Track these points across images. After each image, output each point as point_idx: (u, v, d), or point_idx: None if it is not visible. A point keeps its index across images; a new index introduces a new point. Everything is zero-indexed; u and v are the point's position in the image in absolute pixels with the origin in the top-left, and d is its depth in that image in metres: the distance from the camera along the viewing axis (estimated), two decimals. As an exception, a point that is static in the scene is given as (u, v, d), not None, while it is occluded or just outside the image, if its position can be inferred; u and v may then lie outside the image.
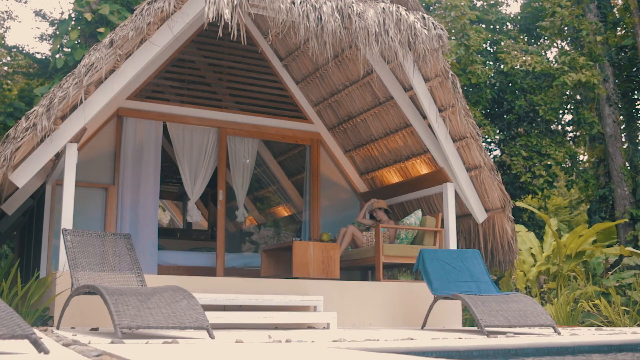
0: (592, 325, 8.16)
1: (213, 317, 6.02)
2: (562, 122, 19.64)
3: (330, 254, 7.89)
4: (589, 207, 19.07)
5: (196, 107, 9.18)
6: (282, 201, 12.26)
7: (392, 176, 9.45)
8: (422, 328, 6.83)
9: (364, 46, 6.46)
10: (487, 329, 5.33)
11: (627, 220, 14.59)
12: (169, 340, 3.89)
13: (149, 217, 8.74)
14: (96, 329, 5.55)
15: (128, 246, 6.01)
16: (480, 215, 8.21)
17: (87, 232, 5.90)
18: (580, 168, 19.24)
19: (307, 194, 9.97)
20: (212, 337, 4.40)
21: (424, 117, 8.28)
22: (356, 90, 9.01)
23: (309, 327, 6.76)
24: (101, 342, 3.89)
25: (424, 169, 8.85)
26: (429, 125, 8.24)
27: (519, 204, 12.28)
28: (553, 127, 19.31)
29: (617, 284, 11.06)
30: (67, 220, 6.42)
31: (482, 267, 6.93)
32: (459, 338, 4.46)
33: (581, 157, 21.21)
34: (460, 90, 7.64)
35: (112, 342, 3.73)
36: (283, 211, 12.44)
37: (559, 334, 5.32)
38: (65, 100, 6.16)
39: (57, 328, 5.52)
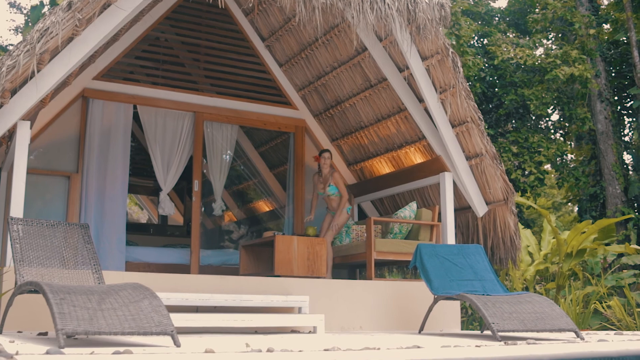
0: (604, 329, 7.49)
1: (183, 320, 5.27)
2: (552, 119, 19.07)
3: (316, 249, 7.15)
4: (579, 206, 18.54)
5: (170, 89, 8.41)
6: (263, 195, 11.49)
7: (383, 166, 8.72)
8: (420, 332, 6.10)
9: (357, 14, 5.71)
10: (500, 333, 4.60)
11: (633, 216, 13.99)
12: (121, 350, 3.12)
13: (116, 210, 7.94)
14: (45, 334, 4.76)
15: (85, 238, 5.21)
16: (480, 208, 7.50)
17: (37, 221, 5.09)
18: (571, 165, 18.66)
19: (290, 186, 9.22)
20: (177, 344, 3.63)
21: (420, 100, 7.56)
22: (345, 71, 8.27)
23: (293, 331, 6.00)
24: (37, 351, 3.12)
25: (418, 158, 8.12)
26: (426, 109, 7.53)
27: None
28: (543, 124, 18.79)
29: (616, 285, 10.43)
30: (16, 207, 5.62)
31: (486, 264, 6.21)
32: (477, 346, 3.73)
33: (570, 155, 20.70)
34: (461, 70, 6.93)
35: (47, 353, 2.95)
36: (264, 206, 11.67)
37: (583, 339, 4.61)
38: (14, 70, 5.33)
39: (0, 332, 4.73)
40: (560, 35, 18.02)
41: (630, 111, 18.39)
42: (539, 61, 15.76)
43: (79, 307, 3.69)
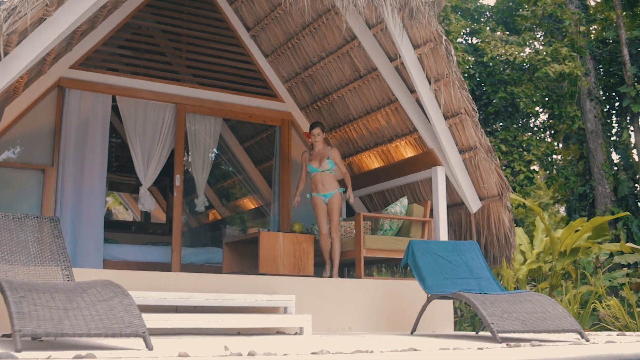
0: (602, 329, 7.21)
1: (160, 320, 4.92)
2: (542, 117, 18.85)
3: (303, 247, 6.83)
4: (568, 205, 18.35)
5: (151, 79, 8.05)
6: (248, 192, 11.14)
7: (372, 161, 8.39)
8: (412, 333, 5.78)
9: (347, -4, 5.39)
10: (500, 335, 4.29)
11: (629, 214, 13.77)
12: (83, 354, 2.77)
13: (94, 205, 7.56)
14: (8, 336, 4.39)
15: (55, 232, 4.84)
16: (474, 204, 7.20)
17: (2, 214, 4.73)
18: (561, 164, 18.45)
19: (276, 182, 8.87)
20: (149, 347, 3.29)
21: (412, 91, 7.25)
22: (333, 62, 7.94)
23: (278, 332, 5.66)
24: (-11, 355, 2.76)
25: (409, 152, 7.81)
26: (417, 101, 7.21)
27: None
28: (532, 123, 18.59)
29: (609, 284, 10.19)
30: (-19, 200, 5.25)
31: (481, 262, 5.90)
32: (479, 349, 3.41)
33: (557, 156, 20.51)
34: (455, 59, 6.62)
35: (-2, 357, 2.60)
36: (249, 203, 11.32)
37: (588, 340, 4.31)
38: (-21, 51, 4.97)
39: (-40, 334, 4.37)
40: (549, 32, 17.80)
41: (619, 110, 18.20)
42: (529, 58, 15.54)
43: (41, 306, 3.34)
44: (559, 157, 19.05)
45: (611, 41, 18.04)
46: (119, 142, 11.10)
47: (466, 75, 16.22)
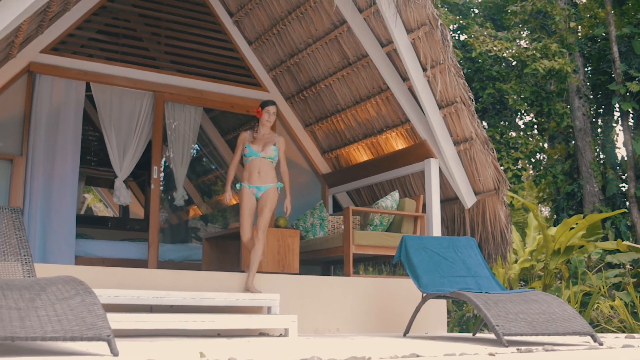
0: (602, 331, 6.87)
1: (133, 321, 4.50)
2: (530, 115, 18.58)
3: (287, 242, 6.42)
4: (555, 205, 18.10)
5: (128, 65, 7.59)
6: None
7: (361, 154, 7.99)
8: (405, 335, 5.39)
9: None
10: (505, 338, 3.91)
11: (626, 210, 13.49)
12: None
13: (65, 198, 7.10)
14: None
15: (16, 224, 4.39)
16: (468, 199, 6.82)
17: (-43, 203, 4.28)
18: (549, 163, 18.18)
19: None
20: (114, 352, 2.87)
21: (404, 78, 6.86)
22: (321, 48, 7.53)
23: (262, 333, 5.25)
24: None
25: (400, 144, 7.42)
26: (410, 89, 6.83)
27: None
28: (520, 121, 18.34)
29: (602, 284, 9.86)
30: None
31: (479, 259, 5.53)
32: (490, 354, 3.02)
33: (542, 155, 20.27)
34: (451, 44, 6.24)
35: None
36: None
37: (602, 344, 3.94)
38: None
39: None
40: (538, 28, 17.53)
41: (608, 108, 17.96)
42: (518, 54, 15.26)
43: (-11, 305, 2.91)
44: (545, 155, 18.81)
45: (599, 39, 17.81)
46: (97, 135, 10.61)
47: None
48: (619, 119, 17.27)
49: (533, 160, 17.20)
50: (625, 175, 16.43)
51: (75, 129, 7.27)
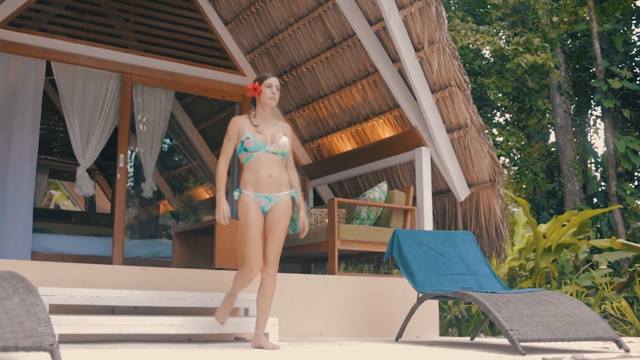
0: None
1: (91, 324, 3.93)
2: (511, 111, 18.23)
3: (266, 237, 5.82)
4: (535, 203, 17.77)
5: (93, 44, 6.97)
6: (204, 180, 10.12)
7: (345, 143, 7.45)
8: (397, 340, 4.87)
9: None
10: (521, 344, 3.39)
11: (621, 207, 13.11)
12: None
13: (21, 188, 6.46)
14: None
15: (-46, 211, 3.79)
16: (461, 191, 6.32)
17: None
18: (530, 160, 17.84)
19: (235, 169, 7.86)
20: (57, 366, 2.29)
21: (394, 60, 6.33)
22: (303, 28, 6.97)
23: (237, 338, 4.69)
24: None
25: (387, 132, 6.89)
26: (400, 71, 6.31)
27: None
28: (500, 118, 18.01)
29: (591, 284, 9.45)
30: None
31: (478, 255, 5.02)
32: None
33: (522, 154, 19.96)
34: (446, 22, 5.73)
35: None
36: (205, 193, 10.29)
37: (628, 350, 3.44)
38: None
39: None
40: (520, 23, 17.18)
41: (589, 104, 17.66)
42: (500, 48, 14.88)
43: None
44: (524, 154, 18.46)
45: (580, 35, 17.53)
46: (63, 124, 9.92)
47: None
48: (601, 116, 16.98)
49: (512, 155, 16.89)
50: (607, 173, 16.12)
51: (34, 112, 6.64)
